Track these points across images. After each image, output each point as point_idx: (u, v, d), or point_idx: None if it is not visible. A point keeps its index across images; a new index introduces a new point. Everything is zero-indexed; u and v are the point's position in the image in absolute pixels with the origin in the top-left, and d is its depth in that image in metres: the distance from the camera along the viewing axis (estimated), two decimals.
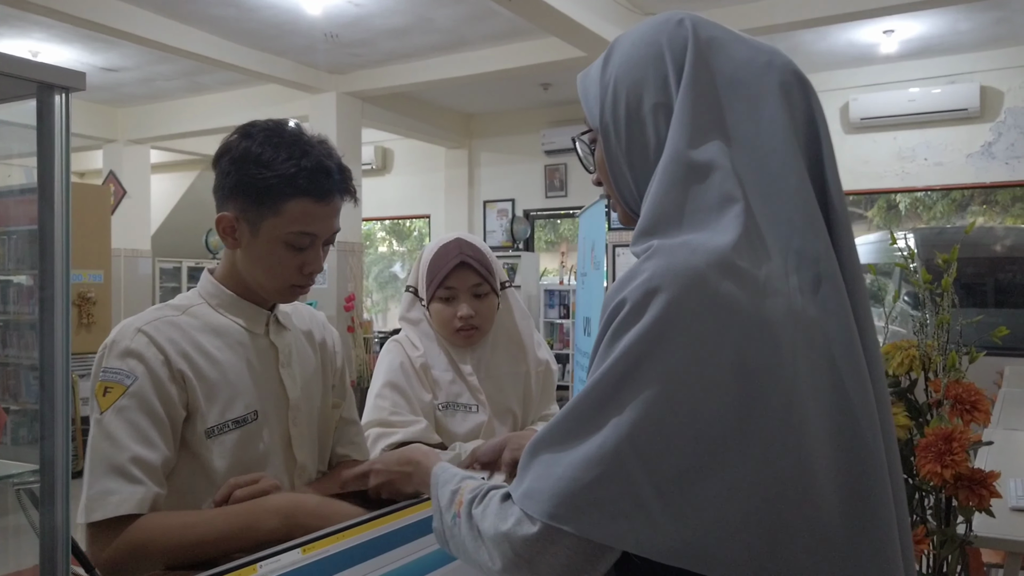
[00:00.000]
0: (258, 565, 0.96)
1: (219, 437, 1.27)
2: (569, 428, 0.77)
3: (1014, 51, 6.36)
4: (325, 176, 1.28)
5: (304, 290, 1.37)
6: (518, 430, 1.77)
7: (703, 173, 0.79)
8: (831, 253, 0.80)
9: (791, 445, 0.74)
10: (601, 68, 0.91)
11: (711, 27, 0.88)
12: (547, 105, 8.38)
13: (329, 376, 1.50)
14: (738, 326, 0.74)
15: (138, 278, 8.93)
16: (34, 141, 0.88)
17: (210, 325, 1.32)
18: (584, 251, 3.80)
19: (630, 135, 0.87)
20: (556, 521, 0.74)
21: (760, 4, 5.35)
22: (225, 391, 1.28)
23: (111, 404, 1.19)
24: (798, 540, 0.74)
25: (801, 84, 0.85)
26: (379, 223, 10.49)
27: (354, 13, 5.72)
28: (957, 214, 6.99)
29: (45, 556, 0.89)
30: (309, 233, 1.29)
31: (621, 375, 0.75)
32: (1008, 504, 2.12)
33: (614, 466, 0.73)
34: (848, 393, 0.77)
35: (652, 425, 0.73)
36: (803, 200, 0.80)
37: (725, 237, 0.76)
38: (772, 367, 0.74)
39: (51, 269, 0.89)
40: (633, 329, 0.75)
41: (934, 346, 1.73)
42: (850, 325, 0.79)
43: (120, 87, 7.87)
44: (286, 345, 1.40)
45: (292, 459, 1.37)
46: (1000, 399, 4.19)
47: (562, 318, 7.88)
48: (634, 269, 0.78)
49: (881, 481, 0.78)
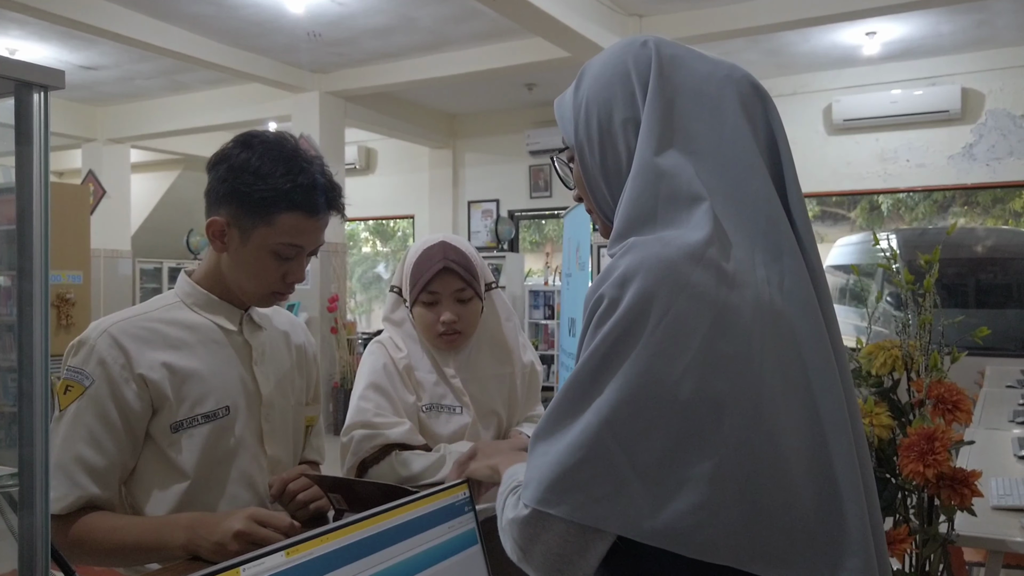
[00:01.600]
0: (241, 569, 0.95)
1: (188, 431, 1.33)
2: (556, 418, 0.82)
3: (995, 54, 6.43)
4: (318, 193, 1.35)
5: (284, 297, 1.43)
6: (503, 431, 1.77)
7: (670, 177, 0.85)
8: (795, 248, 0.85)
9: (765, 431, 0.78)
10: (574, 91, 0.97)
11: (672, 46, 0.94)
12: (532, 105, 8.38)
13: (304, 377, 1.56)
14: (709, 314, 0.78)
15: (118, 279, 8.85)
16: (12, 140, 0.87)
17: (184, 323, 1.37)
18: (569, 252, 3.80)
19: (603, 150, 0.92)
20: (543, 506, 0.78)
21: (743, 5, 5.38)
22: (196, 387, 1.34)
23: (69, 403, 1.26)
24: (774, 522, 0.78)
25: (758, 94, 0.91)
26: (363, 223, 10.46)
27: (337, 12, 5.70)
28: (939, 215, 7.06)
29: (24, 561, 0.87)
30: (297, 245, 1.36)
31: (599, 362, 0.79)
32: (989, 503, 2.14)
33: (595, 449, 0.77)
34: (815, 382, 0.82)
35: (629, 408, 0.77)
36: (766, 200, 0.85)
37: (697, 232, 0.81)
38: (742, 355, 0.78)
39: (29, 270, 0.87)
40: (612, 322, 0.79)
41: (916, 346, 1.75)
42: (816, 316, 0.83)
43: (99, 86, 7.79)
44: (260, 343, 1.45)
45: (263, 453, 1.43)
46: (981, 399, 4.23)
47: (547, 319, 7.89)
48: (610, 266, 0.83)
49: (850, 466, 0.81)
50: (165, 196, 10.37)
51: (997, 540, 1.96)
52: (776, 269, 0.83)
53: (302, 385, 1.55)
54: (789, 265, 0.84)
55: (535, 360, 1.85)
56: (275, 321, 1.53)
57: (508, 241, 8.40)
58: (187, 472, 1.32)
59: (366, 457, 1.56)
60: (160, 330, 1.34)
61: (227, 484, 1.36)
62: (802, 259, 0.85)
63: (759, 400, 0.78)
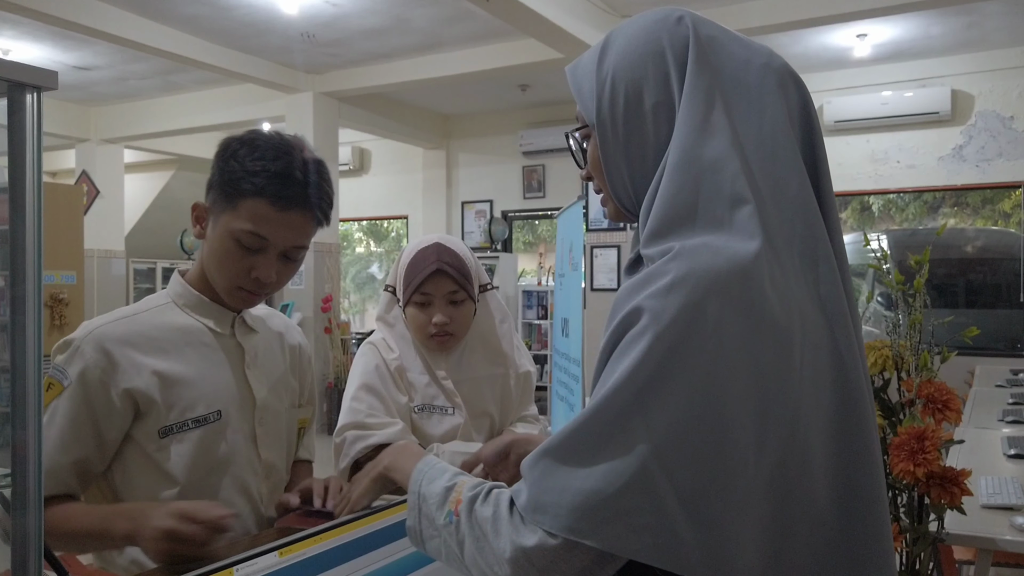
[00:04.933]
0: (235, 569, 0.95)
1: (178, 435, 1.29)
2: (585, 438, 0.74)
3: (984, 55, 6.46)
4: (287, 183, 1.27)
5: (254, 297, 1.36)
6: (495, 432, 1.77)
7: (713, 172, 0.78)
8: (830, 254, 0.80)
9: (799, 449, 0.75)
10: (596, 62, 0.89)
11: (709, 25, 0.87)
12: (525, 106, 8.39)
13: (298, 378, 1.53)
14: (756, 332, 0.73)
15: (111, 279, 8.82)
16: (4, 141, 0.87)
17: (175, 325, 1.34)
18: (562, 252, 3.80)
19: (628, 132, 0.85)
20: (577, 536, 0.72)
21: (734, 7, 5.40)
22: (186, 391, 1.30)
23: (48, 401, 1.24)
24: (800, 539, 0.75)
25: (796, 85, 0.86)
26: (356, 224, 10.45)
27: (331, 13, 5.69)
28: (929, 216, 7.09)
29: (17, 562, 0.87)
30: (260, 235, 1.28)
31: (643, 383, 0.72)
32: (979, 502, 2.15)
33: (639, 479, 0.71)
34: (848, 395, 0.78)
35: (678, 437, 0.71)
36: (804, 203, 0.80)
37: (746, 242, 0.75)
38: (784, 372, 0.74)
39: (22, 270, 0.87)
40: (653, 334, 0.72)
41: (907, 346, 1.76)
42: (848, 327, 0.80)
43: (93, 86, 7.77)
44: (253, 346, 1.41)
45: (258, 458, 1.39)
46: (971, 398, 4.25)
47: (540, 319, 7.90)
48: (653, 272, 0.76)
49: (877, 476, 0.79)
50: (159, 196, 10.34)
51: (987, 538, 1.97)
52: (812, 278, 0.79)
53: (296, 387, 1.52)
54: (824, 273, 0.80)
55: (530, 364, 1.85)
56: (270, 323, 1.49)
57: (502, 241, 8.40)
58: (177, 478, 1.28)
59: (359, 458, 1.56)
60: (149, 333, 1.31)
61: (220, 490, 1.33)
62: (835, 264, 0.81)
63: (797, 417, 0.74)
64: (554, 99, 8.07)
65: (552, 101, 8.15)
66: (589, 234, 6.22)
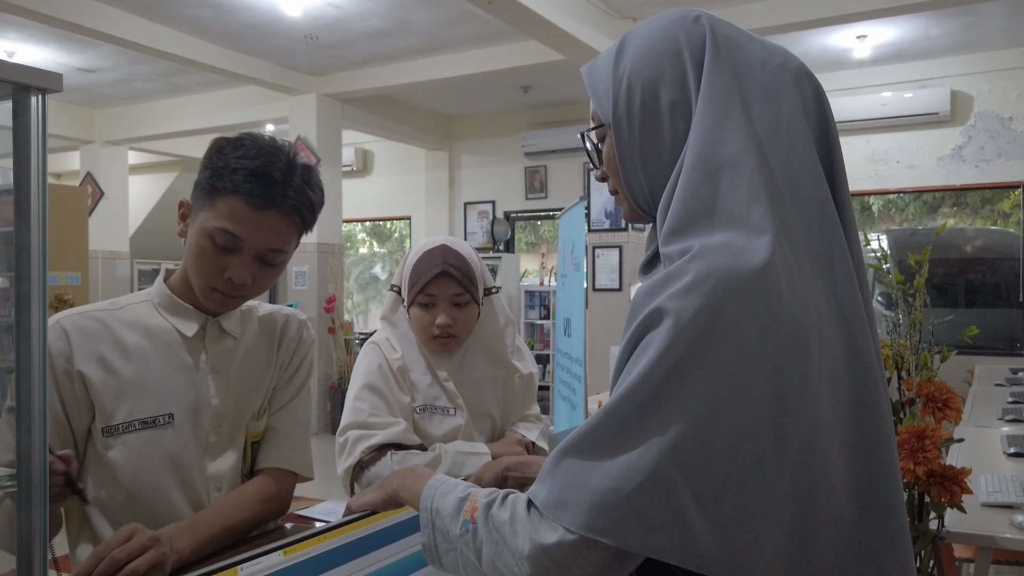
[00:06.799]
0: (239, 568, 0.96)
1: (123, 436, 1.26)
2: (603, 436, 0.75)
3: (983, 56, 6.46)
4: (265, 182, 1.24)
5: (228, 299, 1.31)
6: (497, 433, 1.78)
7: (731, 169, 0.78)
8: (846, 254, 0.81)
9: (820, 449, 0.74)
10: (613, 62, 0.89)
11: (726, 26, 0.88)
12: (527, 107, 8.39)
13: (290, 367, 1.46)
14: (775, 332, 0.73)
15: (116, 280, 8.84)
16: (9, 142, 0.88)
17: (142, 324, 1.32)
18: (564, 252, 3.80)
19: (644, 131, 0.86)
20: (594, 533, 0.72)
21: (735, 9, 5.40)
22: (137, 391, 1.28)
23: None
24: (823, 542, 0.75)
25: (812, 85, 0.86)
26: (360, 224, 10.46)
27: (334, 15, 5.70)
28: (929, 216, 7.08)
29: (22, 562, 0.88)
30: (233, 234, 1.24)
31: (661, 381, 0.73)
32: (979, 500, 2.15)
33: (655, 477, 0.71)
34: (865, 394, 0.79)
35: (694, 435, 0.71)
36: (820, 202, 0.81)
37: (764, 240, 0.75)
38: (802, 372, 0.74)
39: (27, 271, 0.88)
40: (672, 333, 0.73)
41: (907, 345, 1.76)
42: (864, 329, 0.80)
43: (97, 88, 7.79)
44: (221, 351, 1.37)
45: (207, 465, 1.34)
46: (971, 397, 4.25)
47: (542, 319, 7.91)
48: (673, 272, 0.76)
49: (895, 476, 0.80)
50: (163, 198, 10.37)
51: (987, 536, 1.97)
52: (829, 278, 0.79)
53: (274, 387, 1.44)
54: (841, 273, 0.80)
55: (533, 367, 1.86)
56: (266, 325, 1.44)
57: (504, 242, 8.41)
58: (122, 479, 1.26)
59: (363, 458, 1.57)
60: (113, 329, 1.29)
61: (166, 492, 1.29)
62: (851, 264, 0.81)
63: (816, 417, 0.74)
64: (556, 100, 8.08)
65: (554, 102, 8.16)
66: (591, 235, 6.23)
